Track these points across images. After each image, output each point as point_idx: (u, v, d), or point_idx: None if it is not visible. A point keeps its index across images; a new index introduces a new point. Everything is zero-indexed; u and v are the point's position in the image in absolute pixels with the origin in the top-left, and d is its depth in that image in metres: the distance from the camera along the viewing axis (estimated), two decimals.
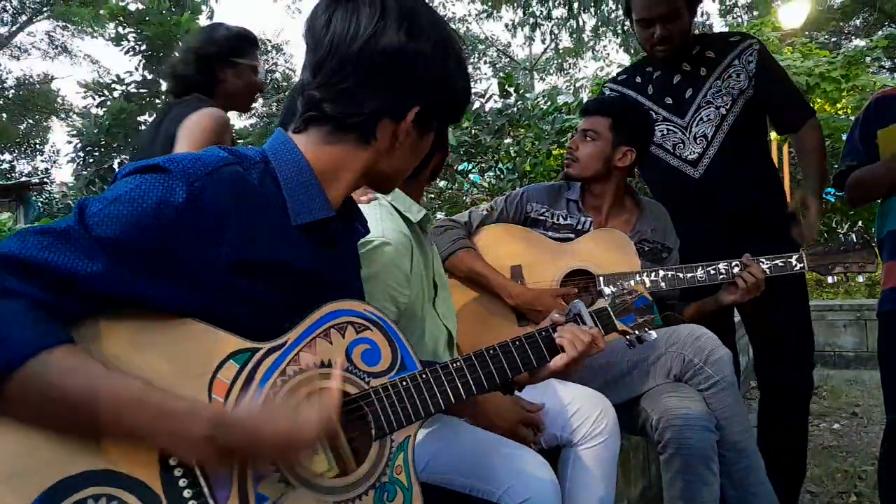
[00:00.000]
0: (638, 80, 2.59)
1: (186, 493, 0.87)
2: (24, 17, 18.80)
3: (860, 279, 2.03)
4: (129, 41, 11.92)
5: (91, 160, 12.50)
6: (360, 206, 1.26)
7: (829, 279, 1.96)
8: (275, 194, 1.02)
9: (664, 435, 1.82)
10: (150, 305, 0.88)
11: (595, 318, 1.30)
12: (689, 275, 2.04)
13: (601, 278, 2.14)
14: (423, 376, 1.06)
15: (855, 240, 1.96)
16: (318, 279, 1.05)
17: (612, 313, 1.35)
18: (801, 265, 1.99)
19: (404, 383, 1.05)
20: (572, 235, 2.28)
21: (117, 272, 0.85)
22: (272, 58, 20.97)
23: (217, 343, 0.93)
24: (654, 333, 1.40)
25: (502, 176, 6.87)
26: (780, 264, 2.00)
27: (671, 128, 2.47)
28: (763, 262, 2.00)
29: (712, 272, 2.03)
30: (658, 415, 1.84)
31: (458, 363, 1.11)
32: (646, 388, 1.94)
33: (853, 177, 2.26)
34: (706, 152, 2.41)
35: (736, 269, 2.01)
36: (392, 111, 1.04)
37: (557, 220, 2.32)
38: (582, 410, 1.74)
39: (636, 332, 1.39)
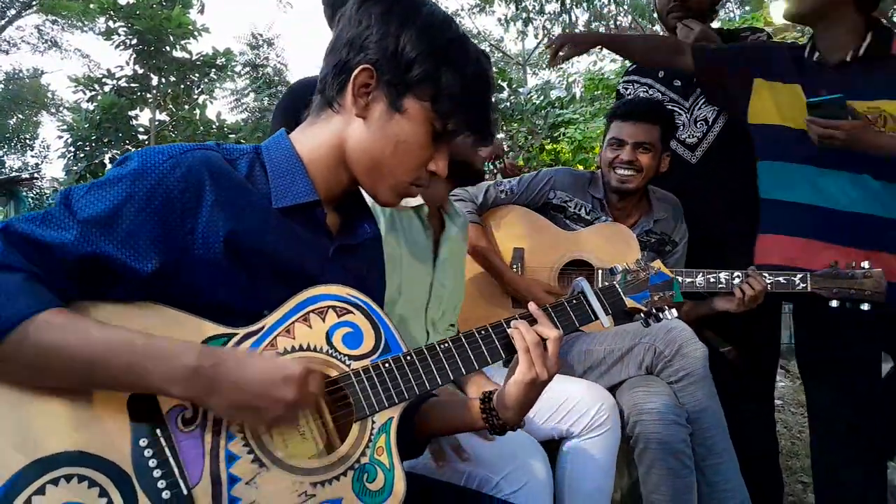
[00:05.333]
0: None
1: (156, 474, 0.87)
2: (12, 12, 18.66)
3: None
4: (119, 35, 11.84)
5: (82, 155, 12.43)
6: None
7: (833, 303, 1.84)
8: (262, 181, 1.04)
9: (634, 429, 1.81)
10: (122, 269, 0.90)
11: (600, 295, 1.25)
12: (687, 279, 1.98)
13: (600, 272, 2.12)
14: (408, 358, 1.04)
15: (867, 266, 1.84)
16: (298, 266, 1.04)
17: (620, 290, 1.29)
18: (804, 285, 1.89)
19: (387, 365, 1.03)
20: (584, 227, 2.28)
21: (88, 239, 0.88)
22: (264, 52, 20.88)
23: (192, 329, 0.93)
24: (674, 311, 1.33)
25: (495, 171, 6.87)
26: (783, 281, 1.92)
27: (676, 109, 2.46)
28: (766, 277, 1.94)
29: (712, 280, 1.97)
30: (628, 409, 1.83)
31: (447, 344, 1.08)
32: (620, 378, 1.93)
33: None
34: (706, 137, 2.41)
35: (737, 281, 1.95)
36: (345, 68, 1.03)
37: (579, 210, 2.31)
38: (582, 403, 1.74)
39: (652, 309, 1.32)
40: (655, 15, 2.84)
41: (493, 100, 1.11)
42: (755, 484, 2.00)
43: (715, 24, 2.68)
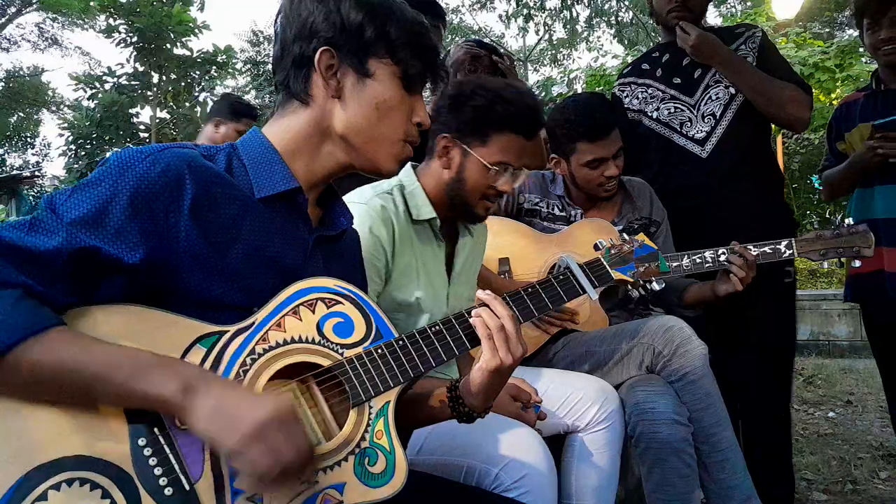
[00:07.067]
0: (645, 66, 2.59)
1: (157, 472, 0.87)
2: (13, 9, 18.66)
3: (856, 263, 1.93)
4: (120, 33, 11.85)
5: (83, 153, 12.46)
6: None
7: (824, 265, 1.88)
8: (242, 174, 1.06)
9: (636, 429, 1.80)
10: (115, 265, 0.90)
11: (586, 269, 1.25)
12: (674, 263, 1.94)
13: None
14: (400, 343, 1.04)
15: (851, 223, 1.84)
16: (281, 256, 1.05)
17: (605, 263, 1.29)
18: (791, 251, 1.88)
19: (379, 351, 1.03)
20: (566, 227, 2.25)
21: (77, 239, 0.88)
22: (264, 49, 20.90)
23: (183, 329, 0.93)
24: (662, 282, 1.35)
25: None
26: (769, 251, 1.89)
27: (679, 106, 2.44)
28: (751, 250, 1.89)
29: (698, 261, 1.93)
30: (629, 409, 1.82)
31: (437, 326, 1.09)
32: (621, 379, 1.92)
33: (823, 177, 2.59)
34: (714, 131, 2.38)
35: (722, 258, 1.93)
36: (304, 60, 1.07)
37: (552, 210, 2.29)
38: (586, 397, 1.74)
39: (639, 280, 1.33)
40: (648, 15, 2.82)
41: (433, 38, 1.16)
42: (766, 478, 2.01)
43: (717, 20, 2.67)
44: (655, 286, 1.35)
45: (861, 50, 10.18)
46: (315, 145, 1.10)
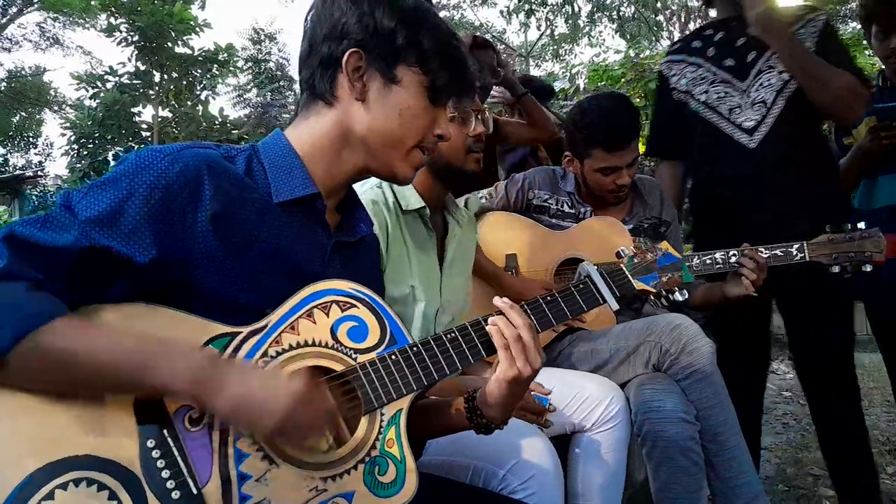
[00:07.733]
0: (697, 44, 2.44)
1: (165, 474, 0.86)
2: (14, 9, 18.66)
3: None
4: (121, 32, 11.84)
5: (85, 152, 12.46)
6: None
7: (834, 269, 1.78)
8: (261, 177, 1.05)
9: (642, 428, 1.80)
10: (127, 265, 0.90)
11: (607, 278, 1.23)
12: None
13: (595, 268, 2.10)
14: (414, 349, 1.03)
15: (863, 227, 1.79)
16: (298, 260, 1.04)
17: (627, 273, 1.27)
18: (802, 255, 1.83)
19: (393, 357, 1.02)
20: (575, 224, 2.24)
21: (90, 237, 0.88)
22: (266, 47, 20.88)
23: (195, 329, 0.93)
24: (685, 293, 1.33)
25: None
26: (780, 254, 1.84)
27: (729, 90, 2.32)
28: (762, 252, 1.85)
29: (708, 262, 1.88)
30: (635, 408, 1.82)
31: (452, 333, 1.07)
32: (627, 377, 1.91)
33: None
34: (764, 120, 2.26)
35: (733, 259, 1.89)
36: (332, 60, 1.06)
37: (562, 206, 2.28)
38: (593, 397, 1.74)
39: (662, 290, 1.31)
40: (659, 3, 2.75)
41: (464, 50, 1.15)
42: (847, 480, 2.08)
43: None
44: (678, 297, 1.32)
45: (864, 42, 10.14)
46: (337, 150, 1.09)
